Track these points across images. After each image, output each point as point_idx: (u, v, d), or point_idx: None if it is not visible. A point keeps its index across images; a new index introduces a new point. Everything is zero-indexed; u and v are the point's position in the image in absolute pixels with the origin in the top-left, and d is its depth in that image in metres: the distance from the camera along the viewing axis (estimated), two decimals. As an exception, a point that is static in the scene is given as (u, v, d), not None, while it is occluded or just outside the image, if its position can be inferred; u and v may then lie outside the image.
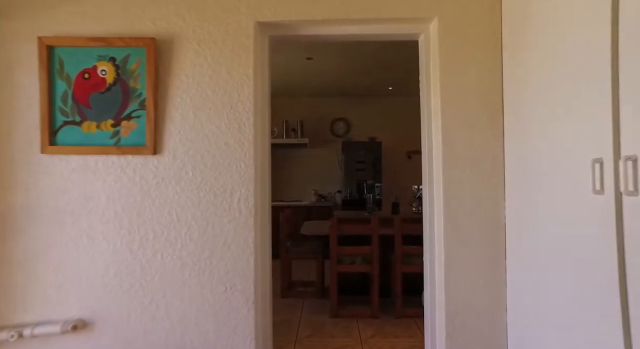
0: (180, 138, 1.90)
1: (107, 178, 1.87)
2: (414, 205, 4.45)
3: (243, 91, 1.92)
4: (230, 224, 1.89)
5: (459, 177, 1.90)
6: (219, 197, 1.89)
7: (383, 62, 4.86)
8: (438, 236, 1.92)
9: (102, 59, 1.83)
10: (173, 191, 1.89)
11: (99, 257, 1.85)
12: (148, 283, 1.86)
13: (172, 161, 1.89)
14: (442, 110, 1.91)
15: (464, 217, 1.88)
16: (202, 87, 1.91)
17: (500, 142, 1.90)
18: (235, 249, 1.89)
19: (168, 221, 1.88)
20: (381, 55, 4.57)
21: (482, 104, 1.90)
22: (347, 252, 3.55)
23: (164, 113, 1.90)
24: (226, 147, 1.91)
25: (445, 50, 1.92)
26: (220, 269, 1.88)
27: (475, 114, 1.90)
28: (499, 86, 1.90)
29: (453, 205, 1.89)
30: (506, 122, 1.87)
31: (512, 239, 1.81)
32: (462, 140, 1.90)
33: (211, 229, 1.89)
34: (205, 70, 1.92)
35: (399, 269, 3.52)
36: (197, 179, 1.89)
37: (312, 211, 6.13)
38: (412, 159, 6.50)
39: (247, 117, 1.91)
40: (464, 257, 1.87)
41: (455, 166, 1.90)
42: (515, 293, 1.79)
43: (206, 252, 1.88)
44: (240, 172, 1.90)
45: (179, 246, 1.88)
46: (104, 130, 1.85)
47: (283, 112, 6.55)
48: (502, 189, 1.89)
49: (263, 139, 2.01)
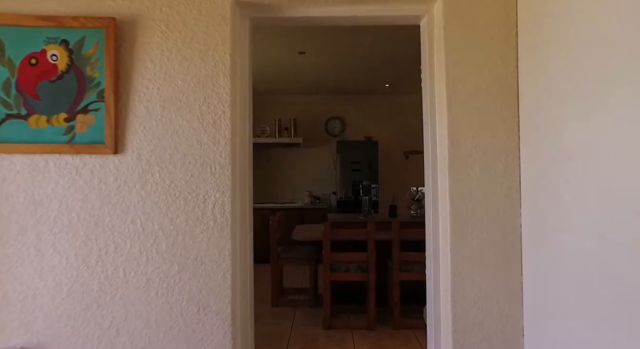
0: (145, 135, 1.64)
1: (59, 181, 1.60)
2: (413, 208, 4.22)
3: (218, 80, 1.66)
4: (204, 234, 1.63)
5: (467, 181, 1.65)
6: (191, 203, 1.64)
7: (379, 58, 4.63)
8: (444, 246, 1.67)
9: (52, 41, 1.56)
10: (137, 196, 1.63)
11: (48, 274, 1.58)
12: (107, 303, 1.60)
13: (136, 162, 1.63)
14: (449, 104, 1.67)
15: (473, 225, 1.63)
16: (171, 75, 1.66)
17: (514, 140, 1.65)
18: (210, 264, 1.63)
19: (131, 231, 1.62)
20: (377, 50, 4.33)
21: (494, 96, 1.66)
22: (341, 259, 3.33)
23: (127, 106, 1.64)
24: (199, 145, 1.65)
25: (451, 35, 1.67)
26: (192, 286, 1.62)
27: (486, 108, 1.66)
28: (514, 76, 1.66)
29: (461, 212, 1.64)
30: (522, 117, 1.63)
31: (530, 251, 1.57)
32: (470, 138, 1.65)
33: (181, 240, 1.63)
34: (175, 56, 1.66)
35: (397, 278, 3.30)
36: (165, 182, 1.64)
37: (305, 214, 5.93)
38: (410, 160, 6.33)
39: (223, 110, 1.66)
40: (473, 271, 1.63)
41: (463, 167, 1.65)
42: (534, 314, 1.54)
43: (175, 268, 1.62)
44: (214, 175, 1.65)
45: (144, 260, 1.62)
46: (55, 125, 1.58)
47: (276, 110, 6.38)
48: (518, 194, 1.64)
49: (243, 136, 1.76)
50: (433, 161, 1.76)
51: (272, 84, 5.79)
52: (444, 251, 1.67)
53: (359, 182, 5.72)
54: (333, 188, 6.28)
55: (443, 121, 1.69)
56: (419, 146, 6.32)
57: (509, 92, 1.65)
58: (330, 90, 6.10)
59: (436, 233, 1.72)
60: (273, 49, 4.28)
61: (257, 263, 5.83)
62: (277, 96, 6.39)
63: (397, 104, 6.42)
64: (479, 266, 1.62)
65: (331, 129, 6.40)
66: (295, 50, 4.32)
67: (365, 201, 4.29)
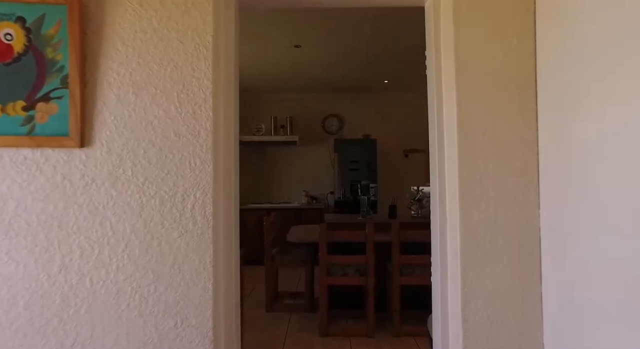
0: (116, 126, 1.45)
1: (16, 178, 1.41)
2: (413, 208, 4.03)
3: (199, 65, 1.47)
4: (182, 238, 1.44)
5: (479, 178, 1.47)
6: (167, 203, 1.45)
7: (378, 53, 4.44)
8: (452, 253, 1.49)
9: (5, 18, 1.37)
10: (107, 195, 1.43)
11: (2, 285, 1.39)
12: (71, 317, 1.41)
13: (106, 156, 1.44)
14: (458, 93, 1.48)
15: (486, 229, 1.45)
16: (145, 59, 1.46)
17: (532, 131, 1.47)
18: (189, 271, 1.44)
19: (100, 234, 1.43)
20: (376, 44, 4.15)
21: (509, 83, 1.47)
22: (338, 262, 3.15)
23: (95, 93, 1.45)
24: (177, 137, 1.46)
25: (460, 14, 1.49)
26: (168, 297, 1.43)
27: (501, 97, 1.47)
28: (531, 58, 1.47)
29: (471, 215, 1.46)
30: (541, 106, 1.44)
31: (551, 258, 1.38)
32: (483, 130, 1.47)
33: (157, 245, 1.44)
34: (150, 37, 1.47)
35: (397, 282, 3.13)
36: (138, 179, 1.45)
37: (302, 214, 5.76)
38: (410, 158, 6.17)
39: (205, 98, 1.47)
40: (486, 280, 1.44)
41: (475, 163, 1.47)
42: (556, 329, 1.36)
43: (150, 276, 1.43)
44: (194, 171, 1.46)
45: (114, 268, 1.42)
46: (11, 115, 1.39)
47: (271, 107, 6.23)
48: (536, 194, 1.46)
49: (228, 128, 1.57)
50: (440, 158, 1.57)
51: (267, 80, 5.60)
52: (453, 258, 1.48)
53: (357, 182, 5.56)
54: (330, 188, 6.12)
55: (452, 113, 1.51)
56: (418, 145, 6.22)
57: (527, 77, 1.47)
58: (327, 87, 5.92)
59: (443, 239, 1.53)
60: (267, 43, 4.09)
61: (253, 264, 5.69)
62: (273, 92, 6.22)
63: (396, 101, 6.26)
64: (493, 274, 1.44)
65: (329, 127, 6.23)
66: (291, 43, 4.13)
67: (363, 201, 4.11)
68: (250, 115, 6.23)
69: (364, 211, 4.09)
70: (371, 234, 3.10)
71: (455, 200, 1.48)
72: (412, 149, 6.12)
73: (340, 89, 6.06)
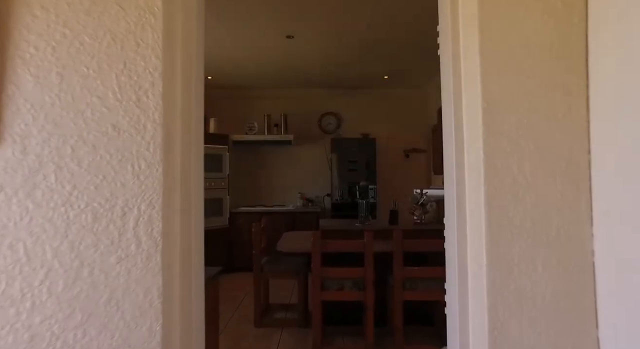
0: (34, 117, 1.10)
1: None
2: (417, 213, 3.68)
3: (145, 38, 1.12)
4: (122, 265, 1.09)
5: (511, 182, 1.12)
6: (103, 219, 1.10)
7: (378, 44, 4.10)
8: (476, 283, 1.14)
9: None
10: (20, 208, 1.08)
11: None
12: (-30, 372, 1.06)
13: (20, 157, 1.09)
14: (483, 74, 1.14)
15: (521, 253, 1.10)
16: (73, 29, 1.11)
17: (582, 122, 1.12)
18: (130, 309, 1.09)
19: (9, 261, 1.07)
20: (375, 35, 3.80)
21: (553, 59, 1.13)
22: (333, 275, 2.81)
23: (3, 73, 1.09)
24: (116, 133, 1.11)
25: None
26: (102, 345, 1.08)
27: (540, 78, 1.13)
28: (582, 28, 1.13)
29: (502, 233, 1.11)
30: (594, 90, 1.10)
31: (611, 290, 1.04)
32: (516, 123, 1.12)
33: (87, 274, 1.09)
34: (80, 0, 1.12)
35: (400, 297, 2.80)
36: (64, 188, 1.10)
37: (297, 218, 5.44)
38: (411, 159, 5.86)
39: (152, 81, 1.12)
40: (522, 320, 1.09)
41: (506, 166, 1.12)
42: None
43: (78, 317, 1.08)
44: (138, 177, 1.11)
45: (28, 307, 1.07)
46: None
47: (264, 105, 5.94)
48: (588, 204, 1.11)
49: (187, 120, 1.22)
50: (459, 158, 1.22)
51: (259, 76, 5.26)
52: (476, 290, 1.13)
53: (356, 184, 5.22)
54: (327, 190, 5.81)
55: (474, 100, 1.16)
56: (420, 144, 5.89)
57: (575, 52, 1.12)
58: (323, 83, 5.59)
59: (463, 264, 1.18)
60: (257, 32, 3.74)
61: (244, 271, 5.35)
62: (266, 89, 5.90)
63: (397, 99, 5.98)
64: (531, 313, 1.09)
65: (325, 126, 5.94)
66: (283, 33, 3.78)
67: (362, 206, 3.77)
68: (241, 113, 5.91)
69: (363, 216, 3.75)
70: (370, 244, 2.76)
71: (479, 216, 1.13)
72: (413, 148, 5.83)
73: (337, 86, 5.74)
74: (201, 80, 1.30)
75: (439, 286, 2.77)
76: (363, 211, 3.75)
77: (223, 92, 5.84)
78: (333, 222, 4.04)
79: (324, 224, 3.84)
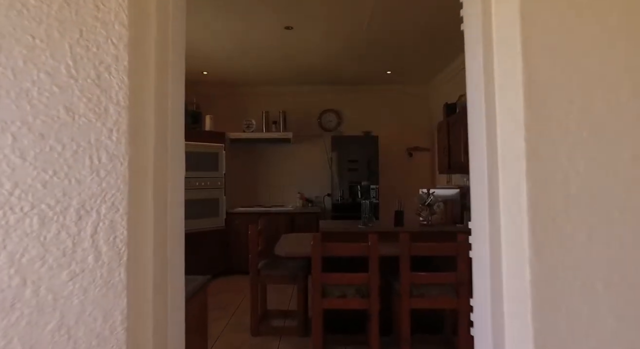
0: (-33, 98, 0.88)
1: None
2: (423, 214, 3.47)
3: (107, 0, 0.90)
4: (75, 283, 0.87)
5: (563, 179, 0.90)
6: (52, 224, 0.87)
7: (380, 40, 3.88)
8: (514, 308, 0.92)
9: None
10: (-50, 211, 0.86)
11: None
12: None
13: (-51, 148, 0.87)
14: (525, 45, 0.92)
15: (575, 270, 0.89)
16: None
17: (650, 107, 0.90)
18: (86, 339, 0.87)
19: (-64, 277, 0.85)
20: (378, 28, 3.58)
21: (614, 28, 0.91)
22: (335, 281, 2.60)
23: None
24: (70, 118, 0.89)
25: None
26: (49, 383, 0.86)
27: (599, 53, 0.91)
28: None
29: (550, 244, 0.89)
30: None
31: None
32: (566, 107, 0.91)
33: (30, 295, 0.86)
34: (24, -48, 0.90)
35: (407, 305, 2.60)
36: (2, 186, 0.87)
37: (296, 219, 5.23)
38: (414, 158, 5.66)
39: (117, 55, 0.90)
40: None
41: (554, 160, 0.90)
42: None
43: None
44: (98, 172, 0.88)
45: (-44, 335, 0.85)
46: None
47: (263, 102, 5.76)
48: (660, 208, 0.89)
49: (161, 103, 0.99)
50: (491, 149, 1.00)
51: (257, 72, 5.03)
52: (517, 317, 0.91)
53: (357, 183, 5.01)
54: (327, 189, 5.61)
55: (514, 78, 0.94)
56: (424, 143, 5.67)
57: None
58: (324, 78, 5.38)
59: (497, 284, 0.96)
60: (254, 23, 3.52)
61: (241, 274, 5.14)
62: (264, 85, 5.70)
63: (400, 95, 5.79)
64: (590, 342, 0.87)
65: (325, 123, 5.74)
66: (281, 24, 3.56)
67: (365, 206, 3.55)
68: (238, 110, 5.70)
69: (365, 217, 3.53)
70: (375, 247, 2.55)
71: (520, 221, 0.91)
72: (416, 147, 5.64)
73: (338, 81, 5.53)
74: (181, 54, 1.08)
75: (449, 292, 2.56)
76: (366, 211, 3.54)
77: (219, 88, 5.62)
78: (334, 223, 3.82)
79: (325, 225, 3.62)
